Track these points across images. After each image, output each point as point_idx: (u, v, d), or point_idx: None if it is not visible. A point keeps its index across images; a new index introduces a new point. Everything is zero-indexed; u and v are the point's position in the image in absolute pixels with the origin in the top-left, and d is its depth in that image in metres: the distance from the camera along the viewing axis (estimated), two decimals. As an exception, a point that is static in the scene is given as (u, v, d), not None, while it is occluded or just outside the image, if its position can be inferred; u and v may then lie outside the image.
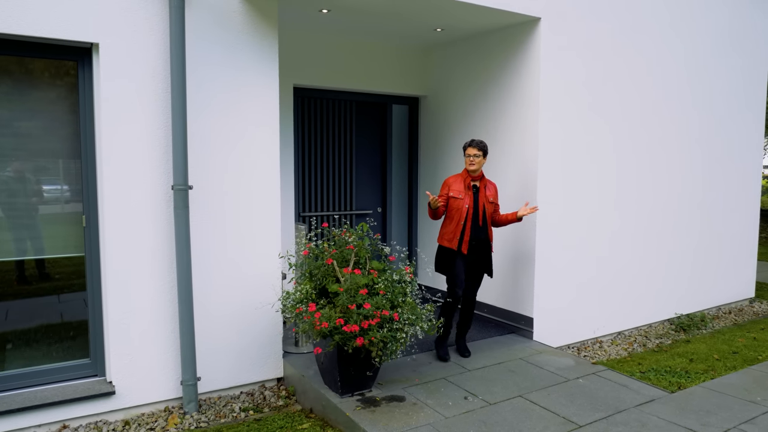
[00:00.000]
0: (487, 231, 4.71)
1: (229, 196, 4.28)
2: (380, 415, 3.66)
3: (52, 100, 3.85)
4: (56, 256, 3.97)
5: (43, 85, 3.81)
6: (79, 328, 4.05)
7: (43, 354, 3.95)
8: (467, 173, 4.68)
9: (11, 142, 3.74)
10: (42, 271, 3.93)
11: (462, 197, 4.62)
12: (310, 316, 3.53)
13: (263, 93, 4.36)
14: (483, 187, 4.72)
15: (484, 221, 4.69)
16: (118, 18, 3.78)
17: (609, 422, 3.66)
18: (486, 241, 4.73)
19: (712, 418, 3.76)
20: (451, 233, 4.64)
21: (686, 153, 6.39)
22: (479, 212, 4.67)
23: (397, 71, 6.31)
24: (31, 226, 3.86)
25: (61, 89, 3.87)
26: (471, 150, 4.63)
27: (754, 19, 6.94)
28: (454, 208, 4.65)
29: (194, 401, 4.11)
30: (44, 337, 3.95)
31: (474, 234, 4.66)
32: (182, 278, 4.01)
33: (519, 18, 4.99)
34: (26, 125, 3.78)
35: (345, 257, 3.82)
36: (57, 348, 4.00)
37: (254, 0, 4.24)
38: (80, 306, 4.05)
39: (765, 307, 7.28)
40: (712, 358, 5.21)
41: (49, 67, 3.83)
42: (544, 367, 4.59)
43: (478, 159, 4.61)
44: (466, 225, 4.61)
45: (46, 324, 3.95)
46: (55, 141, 3.88)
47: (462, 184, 4.67)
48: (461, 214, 4.61)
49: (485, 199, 4.70)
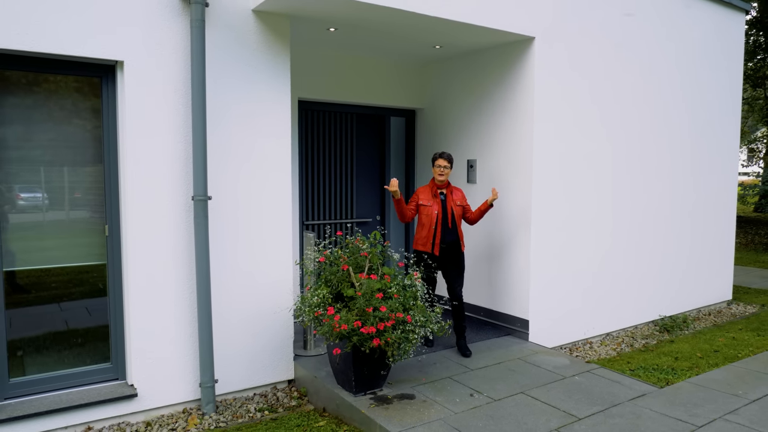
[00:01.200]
0: (456, 233, 5.20)
1: (243, 207, 4.49)
2: (394, 412, 3.89)
3: (75, 113, 4.03)
4: (78, 264, 4.13)
5: (67, 100, 3.99)
6: (96, 333, 4.22)
7: (62, 359, 4.11)
8: (434, 183, 5.19)
9: (36, 153, 3.91)
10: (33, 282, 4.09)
11: (431, 204, 5.13)
12: (329, 319, 3.75)
13: (276, 107, 4.59)
14: (450, 194, 5.21)
15: (453, 224, 5.18)
16: (142, 36, 3.98)
17: (606, 415, 3.94)
18: (456, 241, 5.21)
19: (699, 410, 4.07)
20: (425, 237, 5.14)
21: (671, 164, 6.76)
22: (448, 216, 5.16)
23: (395, 85, 6.58)
24: (51, 235, 4.03)
25: (84, 103, 4.05)
26: (441, 161, 5.09)
27: (730, 36, 7.37)
28: (424, 214, 5.14)
29: (212, 402, 4.30)
30: (64, 343, 4.11)
31: (444, 236, 5.14)
32: (201, 285, 4.20)
33: (514, 37, 5.29)
34: (48, 138, 3.95)
35: (359, 263, 4.06)
36: (77, 353, 4.15)
37: (269, 20, 4.47)
38: (91, 313, 4.22)
39: (742, 309, 7.68)
40: (695, 356, 5.55)
41: (73, 82, 4.01)
42: (542, 366, 4.86)
43: (447, 170, 5.12)
44: (437, 229, 5.10)
45: (66, 330, 4.11)
46: (78, 153, 4.06)
47: (429, 193, 5.19)
48: (431, 219, 5.10)
49: (453, 203, 5.19)
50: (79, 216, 4.10)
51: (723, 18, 7.26)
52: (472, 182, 6.07)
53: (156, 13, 4.02)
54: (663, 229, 6.79)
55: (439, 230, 5.10)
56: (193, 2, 4.01)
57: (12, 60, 3.75)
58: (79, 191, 4.08)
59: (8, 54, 3.72)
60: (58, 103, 3.96)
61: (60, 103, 3.96)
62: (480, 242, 6.03)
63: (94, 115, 4.08)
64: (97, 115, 4.09)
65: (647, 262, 6.63)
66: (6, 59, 3.73)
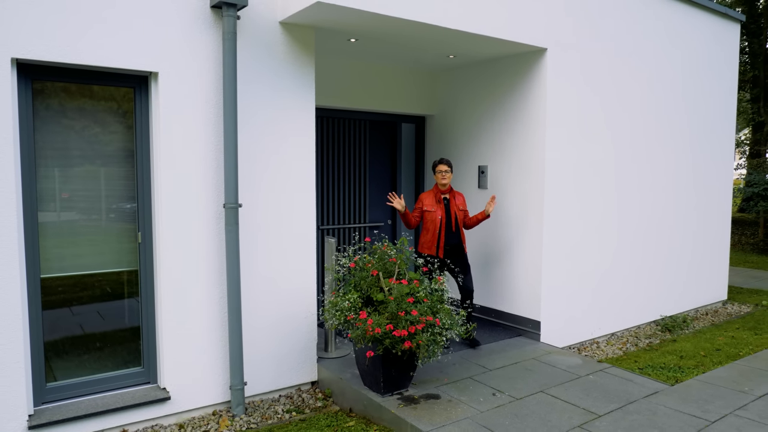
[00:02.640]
0: (459, 236, 5.47)
1: (269, 213, 4.61)
2: (422, 412, 4.04)
3: (109, 121, 4.13)
4: (110, 271, 4.23)
5: (100, 108, 4.09)
6: (127, 339, 4.32)
7: (95, 364, 4.20)
8: (438, 188, 5.44)
9: (72, 161, 4.00)
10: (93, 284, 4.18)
11: (434, 210, 5.38)
12: (362, 323, 3.89)
13: (301, 115, 4.72)
14: (452, 198, 5.48)
15: (457, 227, 5.44)
16: (177, 47, 4.09)
17: (624, 411, 4.13)
18: (459, 244, 5.49)
19: (710, 406, 4.28)
20: (429, 241, 5.37)
21: (672, 169, 7.00)
22: (452, 220, 5.43)
23: (406, 92, 6.73)
24: (87, 242, 4.12)
25: (119, 112, 4.15)
26: (442, 167, 5.37)
27: (727, 45, 7.64)
28: (428, 220, 5.39)
29: (242, 404, 4.42)
30: (97, 348, 4.20)
31: (448, 240, 5.43)
32: (232, 291, 4.32)
33: (528, 48, 5.48)
34: (83, 146, 4.05)
35: (387, 269, 4.20)
36: (110, 358, 4.24)
37: (295, 32, 4.60)
38: (123, 318, 4.32)
39: (737, 309, 7.95)
40: (699, 355, 5.77)
41: (108, 92, 4.11)
42: (557, 366, 5.05)
43: (448, 174, 5.39)
44: (441, 233, 5.36)
45: (98, 335, 4.20)
46: (111, 162, 4.15)
47: (433, 198, 5.44)
48: (435, 224, 5.35)
49: (456, 207, 5.46)
50: (111, 223, 4.19)
51: (720, 28, 7.52)
52: (483, 187, 6.25)
53: (190, 25, 4.13)
54: (664, 231, 7.02)
55: (443, 234, 5.36)
56: (225, 15, 4.13)
57: (52, 71, 3.84)
58: (112, 199, 4.17)
59: (50, 66, 3.81)
60: (93, 111, 4.05)
61: (95, 111, 4.06)
62: (492, 245, 6.21)
63: (126, 123, 4.18)
64: (129, 123, 4.19)
65: (650, 263, 6.86)
66: (47, 70, 3.82)
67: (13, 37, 3.53)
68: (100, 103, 4.08)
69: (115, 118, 4.14)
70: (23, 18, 3.55)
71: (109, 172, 4.14)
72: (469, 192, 6.45)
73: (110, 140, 4.13)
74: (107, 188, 4.15)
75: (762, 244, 14.41)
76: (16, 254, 3.62)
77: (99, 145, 4.08)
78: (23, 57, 3.58)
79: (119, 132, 4.16)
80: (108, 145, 4.12)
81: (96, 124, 4.07)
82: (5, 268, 3.59)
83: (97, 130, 4.07)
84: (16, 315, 3.65)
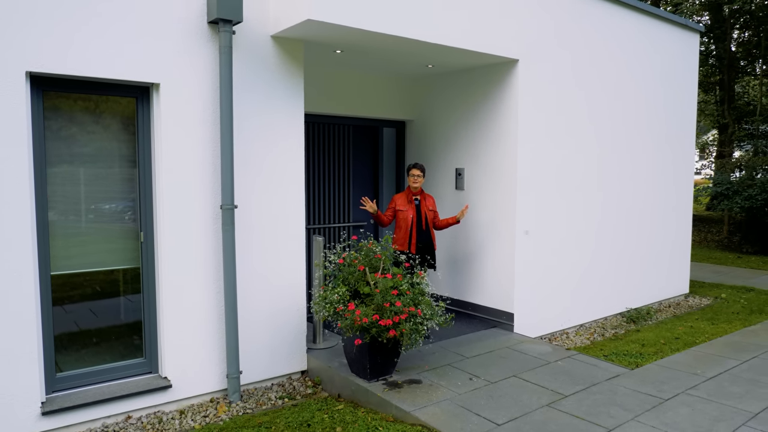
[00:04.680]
0: (429, 234, 6.00)
1: (262, 214, 4.95)
2: (405, 395, 4.43)
3: (110, 130, 4.43)
4: (113, 268, 4.53)
5: (105, 116, 4.39)
6: (131, 331, 4.62)
7: (101, 355, 4.50)
8: (410, 190, 5.96)
9: (76, 167, 4.30)
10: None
11: (406, 209, 5.89)
12: (351, 313, 4.26)
13: (291, 122, 5.06)
14: (423, 200, 6.00)
15: (427, 227, 5.97)
16: (177, 61, 4.41)
17: (587, 392, 4.57)
18: (429, 242, 6.00)
19: (665, 386, 4.74)
20: (402, 239, 5.86)
21: (637, 169, 7.49)
22: (422, 220, 5.95)
23: (387, 98, 7.11)
24: (91, 241, 4.42)
25: (120, 122, 4.45)
26: (415, 171, 5.91)
27: (688, 54, 8.16)
28: (401, 218, 5.89)
29: (238, 392, 4.75)
30: (102, 340, 4.50)
31: (419, 237, 5.93)
32: (228, 287, 4.65)
33: (501, 59, 5.89)
34: (88, 153, 4.35)
35: (373, 264, 4.58)
36: (114, 349, 4.55)
37: (286, 45, 4.95)
38: (127, 313, 4.62)
39: (698, 301, 8.50)
40: (659, 343, 6.26)
41: (111, 102, 4.41)
42: (528, 353, 5.48)
43: (420, 178, 5.92)
44: (412, 231, 5.85)
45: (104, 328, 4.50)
46: (114, 167, 4.46)
47: (405, 199, 5.93)
48: (407, 223, 5.85)
49: (426, 208, 5.97)
50: (115, 224, 4.50)
51: (681, 39, 8.05)
52: (460, 189, 6.66)
53: (189, 39, 4.45)
54: (631, 229, 7.51)
55: (414, 232, 5.86)
56: (222, 30, 4.46)
57: (61, 83, 4.13)
58: (115, 201, 4.48)
59: (59, 78, 4.10)
60: (98, 119, 4.35)
61: (99, 119, 4.36)
62: (469, 242, 6.62)
63: (128, 130, 4.49)
64: (131, 131, 4.50)
65: (616, 259, 7.35)
66: (57, 82, 4.11)
67: (27, 52, 3.83)
68: (105, 112, 4.38)
69: (118, 125, 4.44)
70: (36, 33, 3.85)
71: (113, 175, 4.44)
72: (447, 193, 6.85)
73: (114, 147, 4.43)
74: (110, 191, 4.45)
75: (726, 241, 15.11)
76: (30, 252, 3.92)
77: (103, 151, 4.39)
78: (36, 70, 3.87)
79: (123, 140, 4.47)
80: (112, 151, 4.42)
81: (100, 131, 4.37)
82: (21, 266, 3.88)
83: (101, 136, 4.37)
84: (30, 309, 3.94)
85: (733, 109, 18.52)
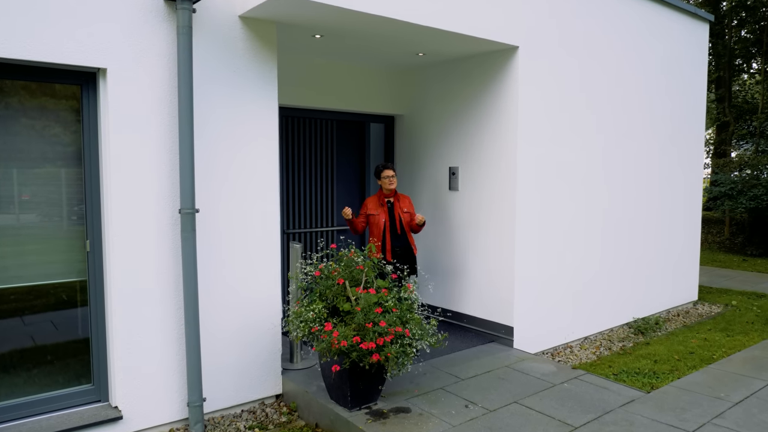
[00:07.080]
0: (407, 238, 5.49)
1: (229, 219, 4.35)
2: (392, 427, 3.84)
3: (53, 122, 3.82)
4: (56, 282, 3.92)
5: (43, 108, 3.78)
6: (76, 355, 4.01)
7: (40, 382, 3.89)
8: (382, 192, 5.46)
9: (13, 165, 3.69)
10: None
11: (378, 213, 5.43)
12: (328, 335, 3.67)
13: (263, 114, 4.47)
14: (396, 201, 5.53)
15: (402, 230, 5.52)
16: (126, 43, 3.81)
17: (600, 422, 4.00)
18: (408, 246, 5.55)
19: (687, 415, 4.17)
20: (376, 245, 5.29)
21: (642, 171, 6.93)
22: (396, 223, 5.48)
23: (374, 91, 6.52)
24: (28, 251, 3.81)
25: (63, 113, 3.84)
26: (389, 172, 5.43)
27: (696, 45, 7.62)
28: (373, 223, 5.40)
29: (200, 422, 4.15)
30: (41, 365, 3.89)
31: (395, 242, 5.47)
32: (189, 301, 4.05)
33: (498, 46, 5.32)
34: (27, 148, 3.73)
35: (354, 277, 3.99)
36: (56, 375, 3.94)
37: (256, 26, 4.35)
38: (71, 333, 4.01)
39: (707, 309, 7.95)
40: (673, 358, 5.70)
41: (51, 90, 3.80)
42: (530, 374, 4.90)
43: (395, 179, 5.48)
44: (386, 236, 5.40)
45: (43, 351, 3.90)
46: (57, 164, 3.85)
47: (377, 202, 5.49)
48: (380, 228, 5.40)
49: (400, 210, 5.50)
50: (56, 231, 3.89)
51: (690, 28, 7.50)
52: (454, 189, 6.07)
53: (140, 19, 3.85)
54: (636, 233, 6.95)
55: (389, 237, 5.39)
56: (180, 8, 3.86)
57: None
58: (56, 204, 3.87)
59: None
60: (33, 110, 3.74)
61: (35, 110, 3.75)
62: (464, 248, 6.04)
63: (72, 123, 3.88)
64: (76, 124, 3.89)
65: (621, 266, 6.79)
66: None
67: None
68: (44, 102, 3.77)
69: (60, 117, 3.83)
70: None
71: (56, 174, 3.83)
72: (440, 194, 6.27)
73: (57, 141, 3.82)
74: (53, 192, 3.84)
75: (728, 242, 14.62)
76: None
77: (44, 146, 3.77)
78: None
79: (66, 133, 3.86)
80: (54, 146, 3.81)
81: (41, 123, 3.76)
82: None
83: (41, 130, 3.76)
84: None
85: (732, 107, 18.05)
